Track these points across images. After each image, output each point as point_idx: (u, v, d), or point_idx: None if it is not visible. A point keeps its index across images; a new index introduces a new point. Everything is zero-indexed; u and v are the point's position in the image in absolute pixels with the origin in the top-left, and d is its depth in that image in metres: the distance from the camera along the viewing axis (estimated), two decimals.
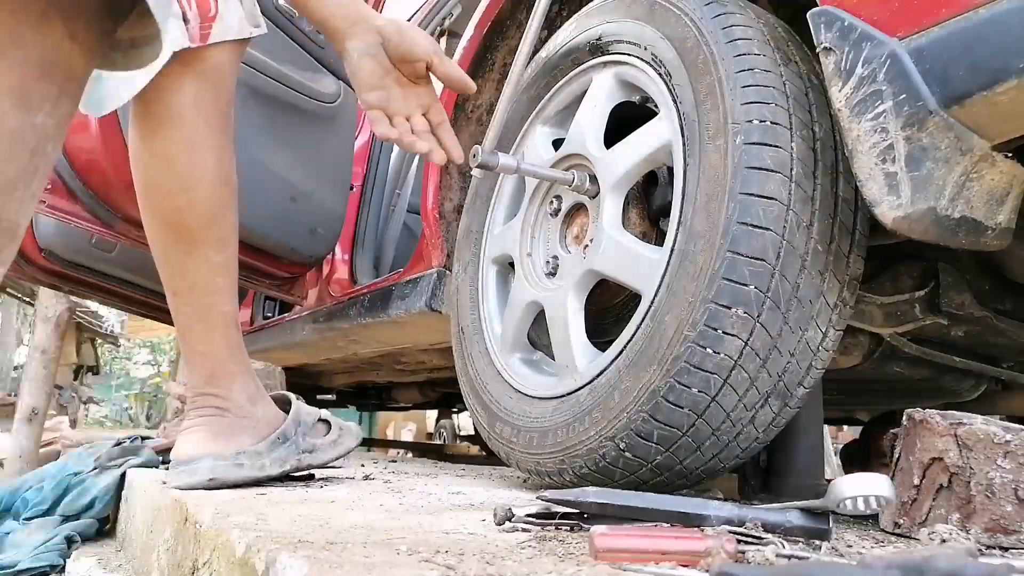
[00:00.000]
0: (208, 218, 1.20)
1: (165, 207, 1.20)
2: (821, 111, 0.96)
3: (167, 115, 1.16)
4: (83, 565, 1.47)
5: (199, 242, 1.21)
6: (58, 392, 8.81)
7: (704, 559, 0.61)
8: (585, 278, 1.17)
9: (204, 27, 1.13)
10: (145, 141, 1.19)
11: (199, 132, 1.18)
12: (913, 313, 1.16)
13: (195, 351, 1.26)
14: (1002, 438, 0.80)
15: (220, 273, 1.24)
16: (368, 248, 2.51)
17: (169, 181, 1.19)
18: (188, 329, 1.25)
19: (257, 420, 1.27)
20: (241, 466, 1.21)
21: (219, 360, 1.25)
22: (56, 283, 2.85)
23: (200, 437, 1.23)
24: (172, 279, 1.24)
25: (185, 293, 1.24)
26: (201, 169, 1.19)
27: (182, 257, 1.22)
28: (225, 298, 1.25)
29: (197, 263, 1.22)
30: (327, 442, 1.34)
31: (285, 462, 1.26)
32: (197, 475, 1.19)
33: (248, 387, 1.28)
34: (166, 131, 1.17)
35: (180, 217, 1.20)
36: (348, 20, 1.09)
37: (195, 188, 1.18)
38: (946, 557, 0.50)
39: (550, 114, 1.39)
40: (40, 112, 0.43)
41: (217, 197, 1.21)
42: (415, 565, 0.58)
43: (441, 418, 7.66)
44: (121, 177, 1.90)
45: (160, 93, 1.15)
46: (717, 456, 0.99)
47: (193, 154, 1.18)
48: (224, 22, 1.16)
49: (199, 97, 1.17)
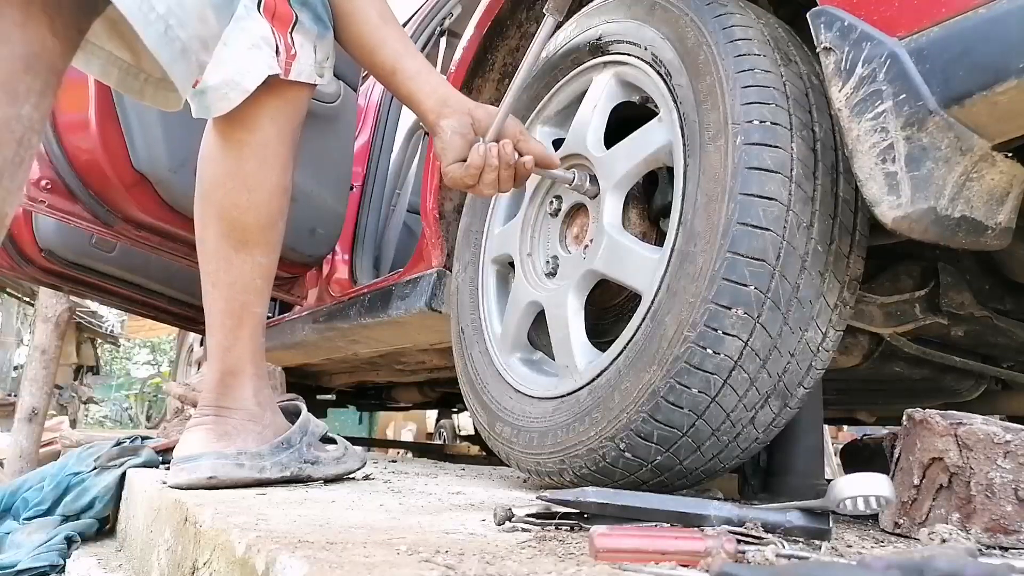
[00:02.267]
0: (265, 220, 1.28)
1: (226, 203, 1.27)
2: (821, 111, 0.96)
3: (245, 121, 1.25)
4: (83, 565, 1.47)
5: (250, 242, 1.27)
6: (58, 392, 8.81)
7: (704, 559, 0.61)
8: (585, 278, 1.17)
9: (287, 63, 1.24)
10: (220, 140, 1.27)
11: (270, 142, 1.26)
12: (913, 313, 1.16)
13: (219, 345, 1.28)
14: (1002, 438, 0.80)
15: (261, 275, 1.29)
16: (368, 248, 2.51)
17: (235, 179, 1.26)
18: (218, 324, 1.29)
19: (264, 425, 1.27)
20: (242, 466, 1.21)
21: (239, 358, 1.28)
22: (56, 283, 2.86)
23: (204, 435, 1.23)
24: (216, 272, 1.29)
25: (225, 288, 1.28)
26: (267, 174, 1.27)
27: (231, 252, 1.27)
28: (259, 300, 1.30)
29: (243, 260, 1.27)
30: (331, 457, 1.33)
31: (286, 468, 1.26)
32: (197, 472, 1.19)
33: (261, 392, 1.29)
34: (241, 134, 1.26)
35: (239, 214, 1.27)
36: (438, 100, 1.16)
37: (258, 190, 1.26)
38: (946, 557, 0.50)
39: (550, 114, 1.39)
40: (27, 104, 0.45)
41: (276, 204, 1.28)
42: (415, 565, 0.58)
43: (441, 418, 7.66)
44: (121, 177, 1.91)
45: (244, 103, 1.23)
46: (717, 456, 0.99)
47: (262, 159, 1.26)
48: (299, 64, 1.26)
49: (276, 113, 1.26)
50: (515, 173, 1.15)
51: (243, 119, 1.25)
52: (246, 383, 1.27)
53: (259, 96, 1.23)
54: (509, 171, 1.14)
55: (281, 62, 1.23)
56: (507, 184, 1.15)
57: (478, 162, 1.12)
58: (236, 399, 1.26)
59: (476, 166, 1.12)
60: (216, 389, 1.27)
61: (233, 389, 1.27)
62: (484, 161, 1.12)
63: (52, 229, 2.52)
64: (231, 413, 1.25)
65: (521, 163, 1.14)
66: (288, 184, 1.31)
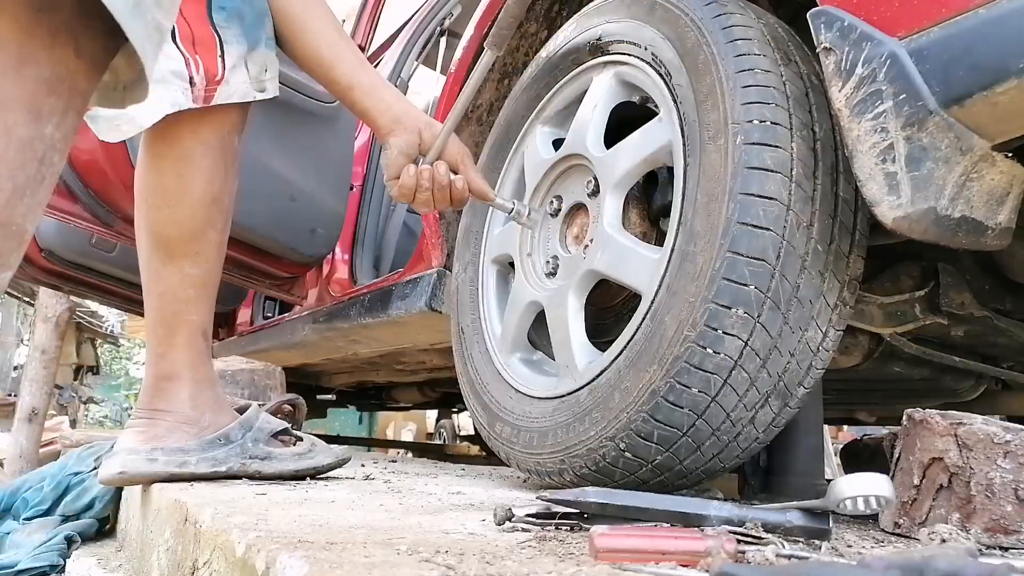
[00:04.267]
0: (188, 233, 1.28)
1: (150, 217, 1.29)
2: (821, 111, 0.96)
3: (165, 134, 1.25)
4: (83, 565, 1.47)
5: (176, 254, 1.29)
6: (58, 392, 8.81)
7: (704, 559, 0.61)
8: (585, 278, 1.17)
9: (209, 90, 1.24)
10: (143, 153, 1.29)
11: (192, 156, 1.26)
12: (913, 313, 1.16)
13: (153, 351, 1.31)
14: (1002, 438, 0.80)
15: (192, 285, 1.30)
16: (368, 248, 2.50)
17: (156, 194, 1.28)
18: (152, 331, 1.31)
19: (202, 427, 1.27)
20: (154, 461, 1.22)
21: (173, 364, 1.29)
22: (56, 283, 2.86)
23: (132, 436, 1.25)
24: (147, 283, 1.32)
25: (156, 297, 1.31)
26: (187, 187, 1.27)
27: (158, 264, 1.30)
28: (193, 308, 1.31)
29: (171, 272, 1.29)
30: (289, 454, 1.31)
31: (222, 463, 1.25)
32: (108, 470, 1.23)
33: (199, 396, 1.29)
34: (160, 148, 1.26)
35: (161, 228, 1.28)
36: (391, 118, 1.20)
37: (178, 204, 1.27)
38: (946, 557, 0.50)
39: (550, 114, 1.39)
40: (49, 124, 0.46)
41: (200, 215, 1.28)
42: (415, 565, 0.58)
43: (441, 418, 7.67)
44: (121, 177, 1.91)
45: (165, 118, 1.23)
46: (717, 456, 0.99)
47: (180, 174, 1.26)
48: (229, 87, 1.25)
49: (200, 126, 1.26)
50: (450, 195, 1.19)
51: (163, 132, 1.25)
52: (182, 387, 1.28)
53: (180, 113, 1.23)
54: (443, 192, 1.19)
55: (197, 92, 1.22)
56: (442, 204, 1.20)
57: (409, 183, 1.18)
58: (170, 402, 1.27)
59: (408, 186, 1.18)
60: (150, 392, 1.29)
61: (167, 392, 1.28)
62: (415, 182, 1.17)
63: (52, 229, 2.52)
64: (163, 416, 1.26)
65: (455, 185, 1.19)
66: (219, 192, 1.30)
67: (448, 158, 1.19)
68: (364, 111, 1.22)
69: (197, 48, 1.22)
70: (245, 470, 1.26)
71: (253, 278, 2.35)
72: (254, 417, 1.32)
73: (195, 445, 1.25)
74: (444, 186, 1.18)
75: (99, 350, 13.38)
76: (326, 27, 1.24)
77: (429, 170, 1.18)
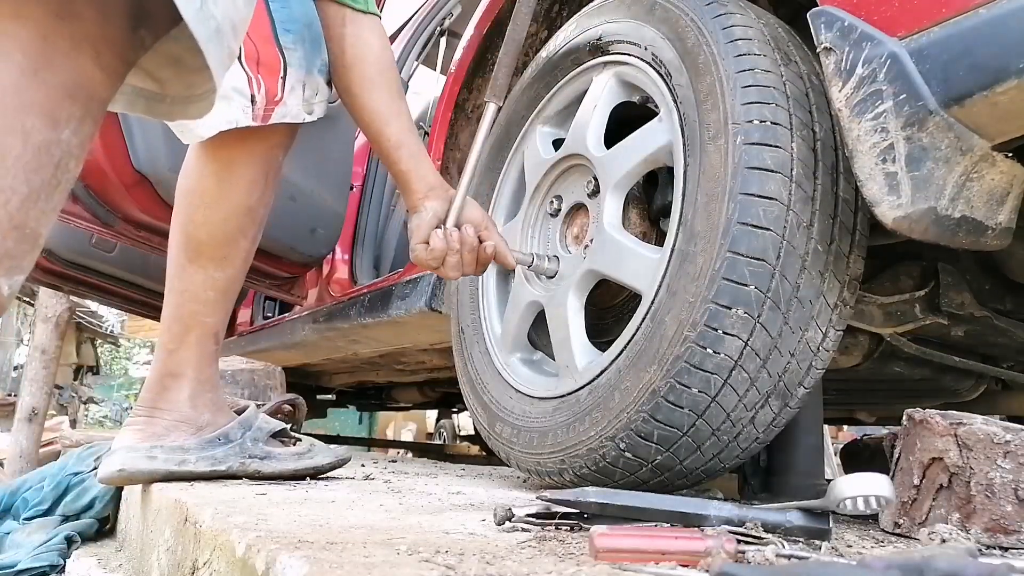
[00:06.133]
0: (220, 237, 1.30)
1: (185, 216, 1.32)
2: (821, 111, 0.96)
3: (213, 139, 1.27)
4: (83, 565, 1.47)
5: (204, 255, 1.30)
6: (58, 392, 8.81)
7: (704, 559, 0.61)
8: (585, 278, 1.17)
9: (268, 109, 1.26)
10: (192, 156, 1.32)
11: (236, 163, 1.29)
12: (913, 313, 1.16)
13: (164, 347, 1.31)
14: (1002, 438, 0.80)
15: (214, 288, 1.31)
16: (368, 248, 2.50)
17: (195, 194, 1.31)
18: (167, 327, 1.32)
19: (200, 426, 1.28)
20: (154, 458, 1.22)
21: (180, 362, 1.29)
22: (56, 283, 2.85)
23: (131, 434, 1.26)
24: (171, 280, 1.33)
25: (176, 294, 1.32)
26: (226, 193, 1.29)
27: (185, 262, 1.31)
28: (211, 311, 1.32)
29: (196, 272, 1.31)
30: (288, 453, 1.32)
31: (221, 462, 1.25)
32: (107, 467, 1.23)
33: (200, 397, 1.30)
34: (208, 151, 1.29)
35: (195, 229, 1.31)
36: (428, 184, 1.22)
37: (215, 207, 1.29)
38: (946, 557, 0.50)
39: (550, 114, 1.39)
40: (67, 129, 0.46)
41: (235, 222, 1.31)
42: (415, 565, 0.58)
43: (441, 418, 7.66)
44: (121, 177, 1.90)
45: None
46: (717, 456, 0.99)
47: (223, 178, 1.29)
48: (285, 107, 1.28)
49: (249, 134, 1.28)
50: (477, 258, 1.19)
51: (214, 138, 1.27)
52: (184, 386, 1.29)
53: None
54: (472, 255, 1.19)
55: (257, 110, 1.25)
56: (470, 268, 1.20)
57: (441, 245, 1.17)
58: (170, 401, 1.28)
59: (440, 249, 1.17)
60: (153, 389, 1.29)
61: (170, 391, 1.28)
62: (447, 244, 1.17)
63: (52, 229, 2.51)
64: (163, 414, 1.27)
65: (483, 249, 1.19)
66: (256, 203, 1.32)
67: (472, 222, 1.20)
68: (406, 171, 1.23)
69: (261, 68, 1.24)
70: (244, 469, 1.26)
71: (253, 278, 2.35)
72: (253, 417, 1.33)
73: (194, 444, 1.25)
74: (473, 248, 1.18)
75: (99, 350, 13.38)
76: (392, 84, 1.26)
77: (459, 233, 1.18)
